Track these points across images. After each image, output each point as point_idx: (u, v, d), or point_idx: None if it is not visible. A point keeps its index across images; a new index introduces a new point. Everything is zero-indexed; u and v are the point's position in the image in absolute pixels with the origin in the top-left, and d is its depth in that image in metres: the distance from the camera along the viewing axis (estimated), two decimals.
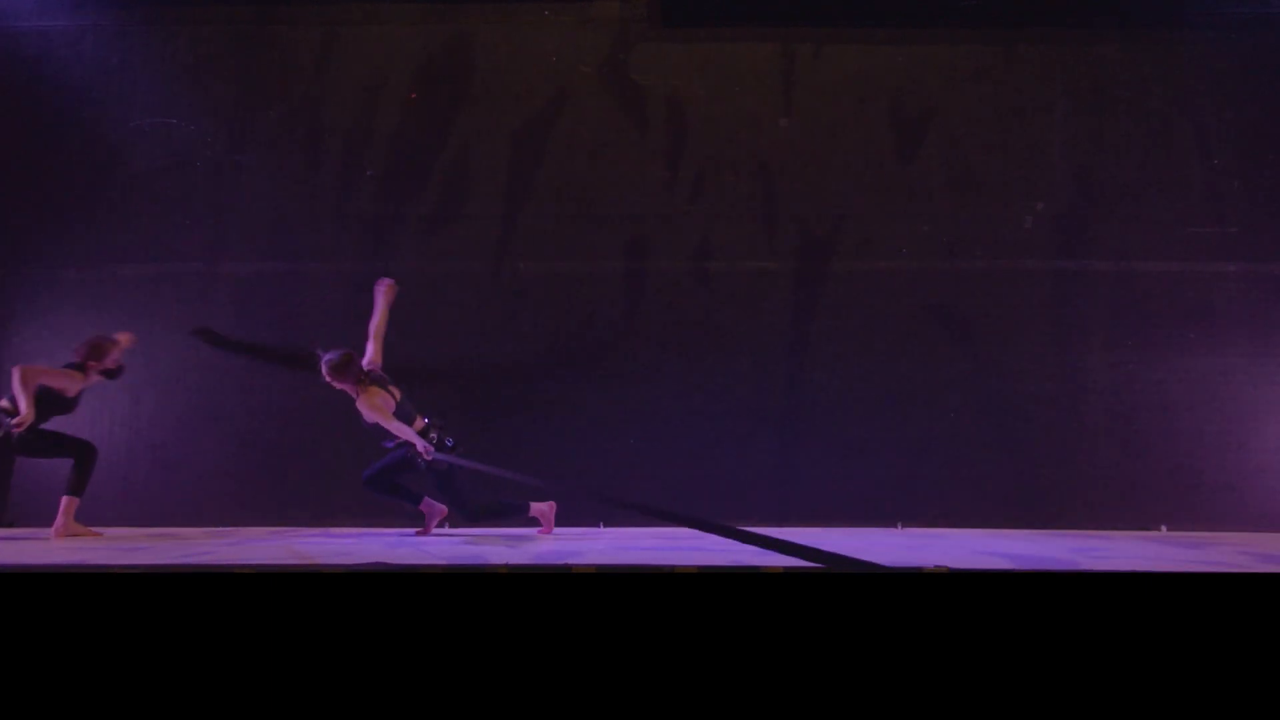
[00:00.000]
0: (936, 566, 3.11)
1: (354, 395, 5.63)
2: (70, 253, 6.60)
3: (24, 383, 5.54)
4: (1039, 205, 6.60)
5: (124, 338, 5.97)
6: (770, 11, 6.76)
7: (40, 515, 5.98)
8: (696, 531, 4.79)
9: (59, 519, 5.59)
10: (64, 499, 5.63)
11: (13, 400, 5.58)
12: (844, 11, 6.75)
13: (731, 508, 5.86)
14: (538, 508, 5.79)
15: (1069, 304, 6.54)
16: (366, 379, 5.61)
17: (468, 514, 5.69)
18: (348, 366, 5.58)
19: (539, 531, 5.79)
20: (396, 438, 5.57)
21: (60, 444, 5.75)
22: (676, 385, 6.46)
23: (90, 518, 5.76)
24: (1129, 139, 6.63)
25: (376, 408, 5.52)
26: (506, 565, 3.59)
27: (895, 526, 6.17)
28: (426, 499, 5.80)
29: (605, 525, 6.20)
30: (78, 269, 6.60)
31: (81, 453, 5.74)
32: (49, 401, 5.66)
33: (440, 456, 5.51)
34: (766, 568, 3.15)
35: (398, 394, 5.65)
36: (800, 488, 6.35)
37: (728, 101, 6.73)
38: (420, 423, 5.62)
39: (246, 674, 2.68)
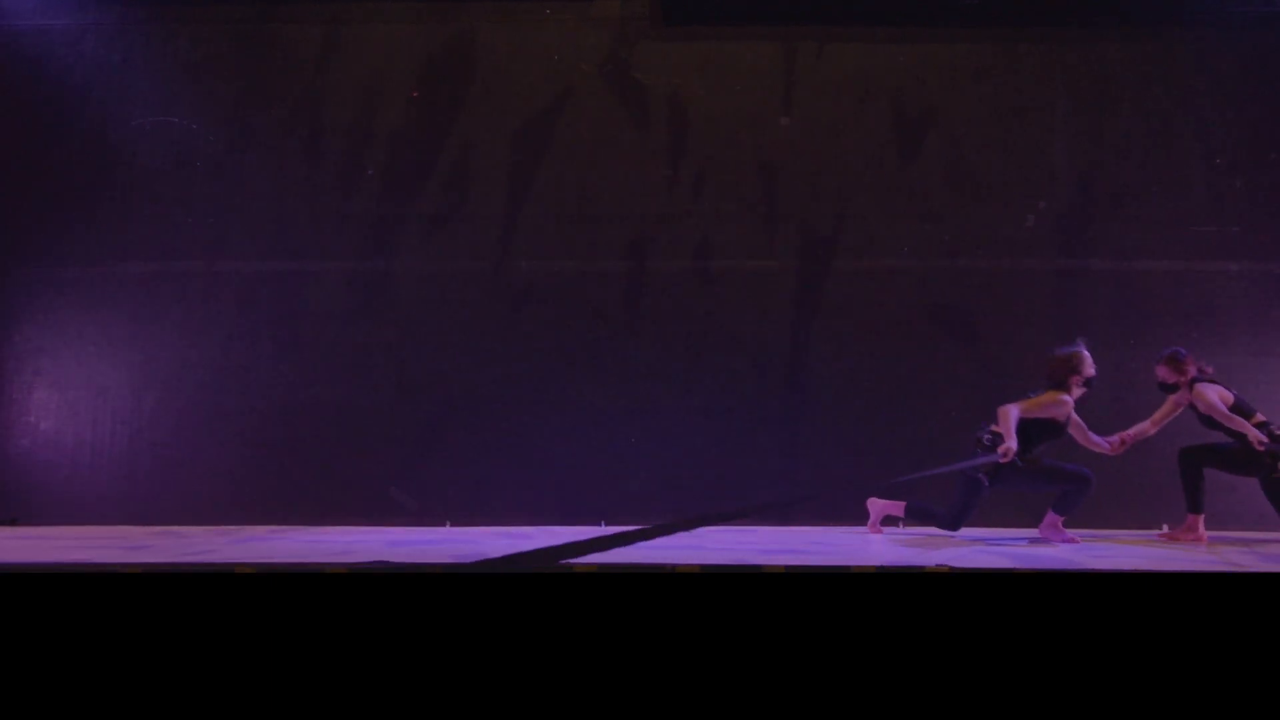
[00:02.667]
0: (937, 566, 3.11)
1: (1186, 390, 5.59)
2: (71, 251, 6.60)
3: (1010, 420, 5.31)
4: (1040, 204, 6.60)
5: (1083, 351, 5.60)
6: (771, 11, 6.75)
7: (41, 515, 5.98)
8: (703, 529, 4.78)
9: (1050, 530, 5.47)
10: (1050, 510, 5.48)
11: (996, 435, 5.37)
12: (845, 11, 6.75)
13: (732, 507, 5.85)
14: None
15: (1070, 303, 6.53)
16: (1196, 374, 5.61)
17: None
18: (1176, 360, 5.65)
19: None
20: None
21: (1046, 476, 5.47)
22: (676, 385, 6.45)
23: (92, 516, 5.77)
24: (1130, 138, 6.62)
25: (1211, 399, 5.48)
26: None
27: (896, 526, 6.17)
28: (1199, 518, 5.57)
29: (606, 524, 6.20)
30: (79, 268, 6.60)
31: (1075, 480, 5.43)
32: (1039, 430, 5.44)
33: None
34: (767, 567, 3.15)
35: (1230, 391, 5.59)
36: (800, 487, 6.34)
37: (728, 100, 6.73)
38: (1258, 417, 5.49)
39: (247, 673, 2.68)
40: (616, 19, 6.78)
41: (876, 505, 5.84)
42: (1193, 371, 5.60)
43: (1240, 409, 5.49)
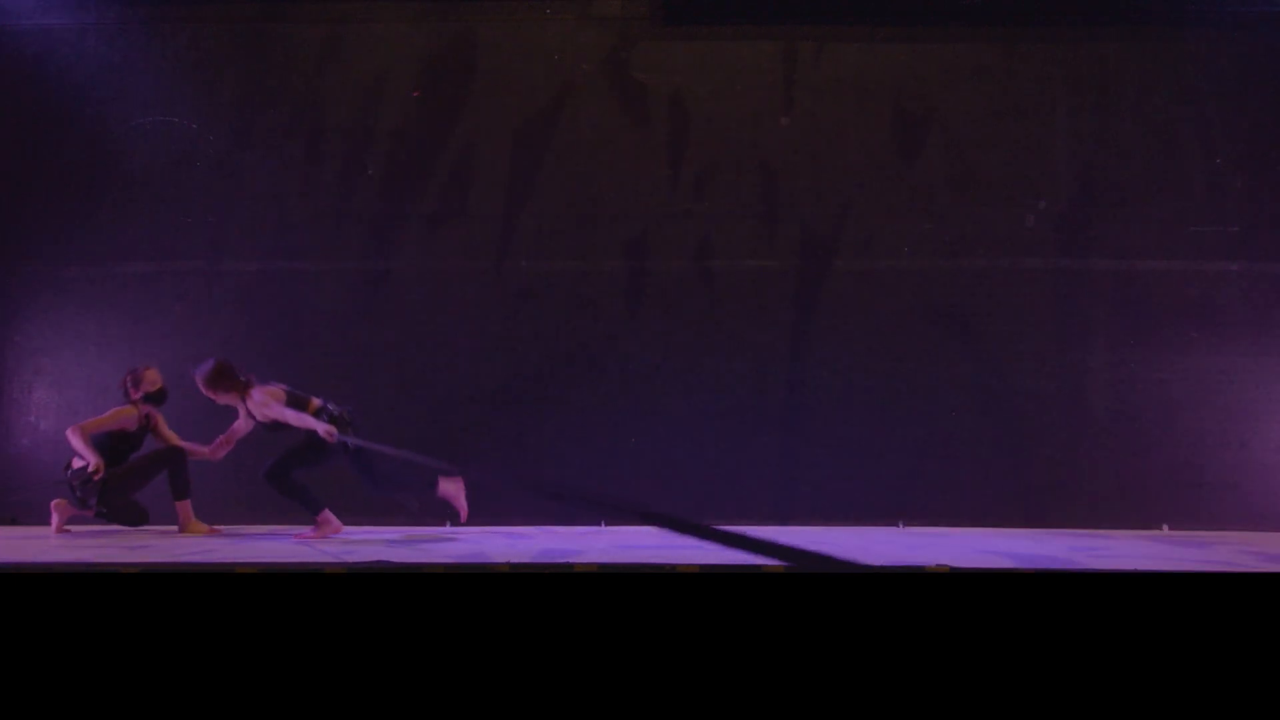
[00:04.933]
0: (937, 566, 3.11)
1: (239, 402, 5.47)
2: (71, 251, 6.60)
3: (83, 439, 5.61)
4: (1040, 204, 6.60)
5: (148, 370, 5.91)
6: (771, 10, 6.75)
7: (41, 515, 5.97)
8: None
9: (182, 521, 5.72)
10: (176, 505, 5.73)
11: (79, 462, 5.66)
12: (845, 10, 6.75)
13: (732, 507, 5.86)
14: (445, 487, 5.58)
15: (1070, 303, 6.53)
16: (246, 381, 5.44)
17: (376, 482, 5.51)
18: (225, 374, 5.41)
19: (458, 514, 5.64)
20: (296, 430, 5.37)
21: (142, 470, 5.77)
22: (676, 385, 6.45)
23: (92, 515, 5.76)
24: (1130, 137, 6.62)
25: (268, 402, 5.34)
26: (508, 564, 3.59)
27: (896, 525, 6.17)
28: (326, 511, 5.54)
29: (607, 524, 6.20)
30: (79, 267, 6.60)
31: (165, 459, 5.77)
32: (114, 445, 5.74)
33: (346, 438, 5.33)
34: (768, 567, 3.15)
35: (281, 386, 5.48)
36: (801, 487, 6.35)
37: (729, 100, 6.73)
38: (314, 404, 5.43)
39: (247, 673, 2.68)
40: (617, 18, 6.79)
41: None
42: (242, 380, 5.50)
43: (297, 401, 5.44)
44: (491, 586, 2.84)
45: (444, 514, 6.24)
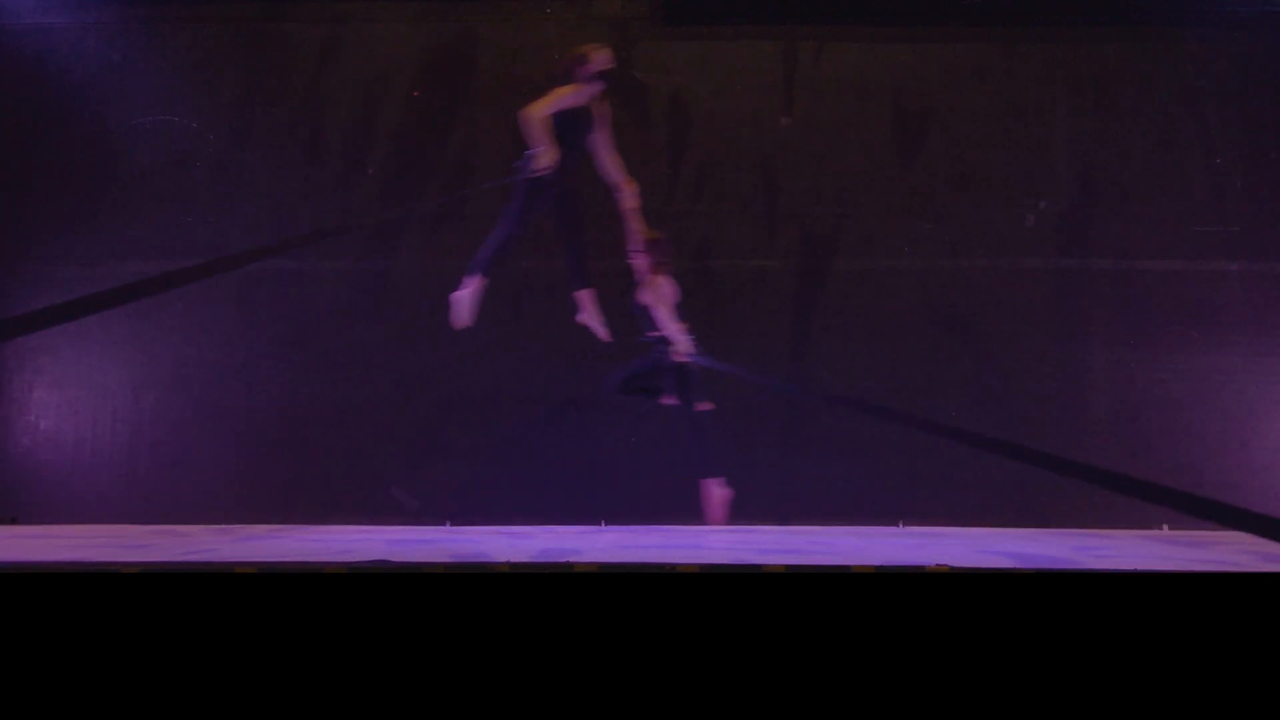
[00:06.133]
0: (937, 566, 3.11)
1: (647, 273, 5.73)
2: (71, 250, 6.59)
3: (530, 125, 5.27)
4: (1041, 203, 6.60)
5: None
6: (772, 10, 6.75)
7: (41, 514, 5.99)
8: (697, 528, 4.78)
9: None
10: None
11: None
12: (845, 10, 6.74)
13: (732, 507, 5.85)
14: (715, 490, 5.74)
15: (1071, 302, 6.53)
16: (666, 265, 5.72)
17: (695, 432, 5.75)
18: (665, 249, 5.77)
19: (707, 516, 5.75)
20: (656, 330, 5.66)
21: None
22: None
23: (92, 515, 5.77)
24: (1131, 137, 6.62)
25: (663, 297, 5.64)
26: (509, 563, 3.59)
27: (896, 525, 6.17)
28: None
29: (606, 523, 6.20)
30: (79, 266, 6.59)
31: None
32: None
33: (697, 358, 5.60)
34: (767, 567, 3.15)
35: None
36: (801, 487, 6.34)
37: (729, 100, 6.72)
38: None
39: (247, 673, 2.68)
40: (617, 18, 6.78)
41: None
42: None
43: None
44: (491, 586, 2.84)
45: (444, 514, 6.26)
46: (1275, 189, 6.53)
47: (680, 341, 5.61)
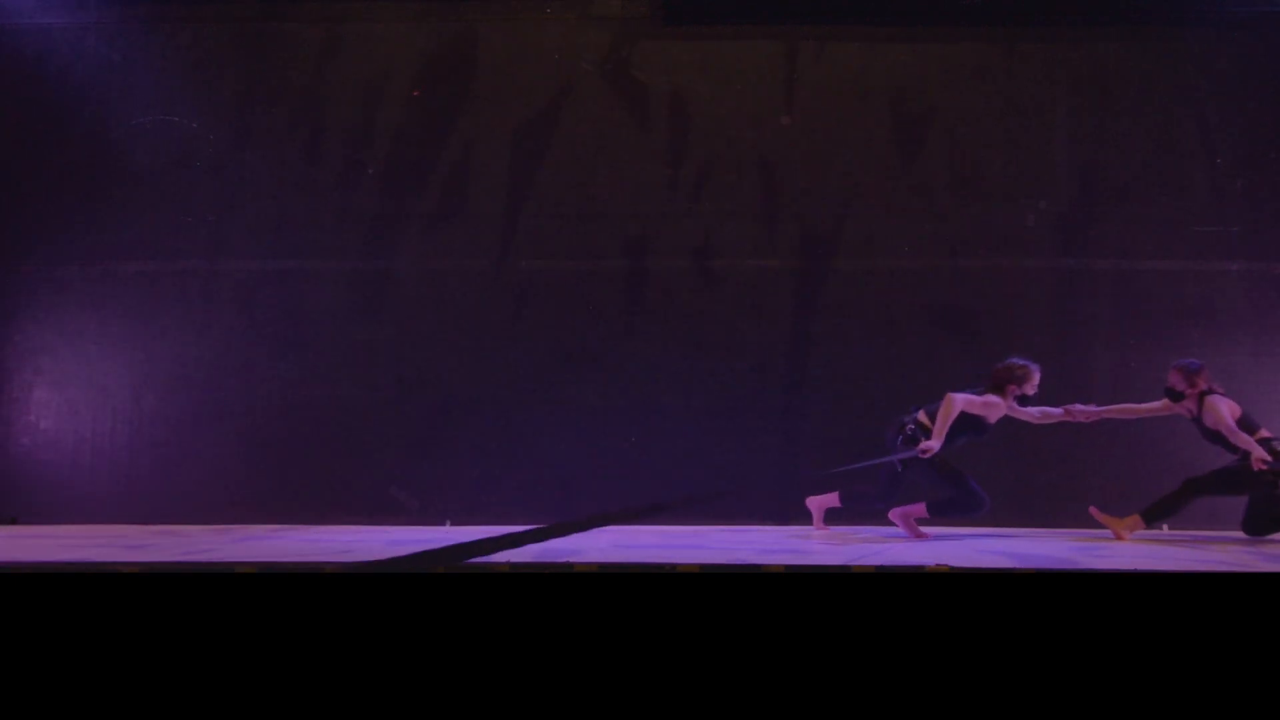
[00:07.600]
0: (937, 566, 3.11)
1: (1191, 399, 5.62)
2: (72, 250, 6.60)
3: (946, 411, 5.44)
4: (1041, 203, 6.60)
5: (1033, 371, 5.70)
6: (771, 10, 6.75)
7: (41, 514, 5.99)
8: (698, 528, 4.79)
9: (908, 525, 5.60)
10: (920, 506, 5.58)
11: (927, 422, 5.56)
12: (845, 10, 6.75)
13: (732, 507, 5.86)
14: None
15: (1071, 302, 6.53)
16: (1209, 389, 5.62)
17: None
18: (1199, 375, 5.63)
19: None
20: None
21: (959, 481, 5.57)
22: (677, 384, 6.45)
23: (92, 515, 5.77)
24: (1131, 137, 6.62)
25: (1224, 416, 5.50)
26: (509, 564, 3.59)
27: (896, 525, 6.16)
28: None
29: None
30: (79, 266, 6.60)
31: (970, 494, 5.55)
32: (965, 425, 5.57)
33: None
34: (767, 567, 3.15)
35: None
36: (801, 487, 6.34)
37: (729, 99, 6.73)
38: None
39: (247, 673, 2.68)
40: (617, 17, 6.78)
41: (815, 502, 5.89)
42: (1203, 385, 5.62)
43: (1246, 425, 5.52)
44: (491, 586, 2.84)
45: (444, 514, 6.26)
46: (1275, 189, 6.53)
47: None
